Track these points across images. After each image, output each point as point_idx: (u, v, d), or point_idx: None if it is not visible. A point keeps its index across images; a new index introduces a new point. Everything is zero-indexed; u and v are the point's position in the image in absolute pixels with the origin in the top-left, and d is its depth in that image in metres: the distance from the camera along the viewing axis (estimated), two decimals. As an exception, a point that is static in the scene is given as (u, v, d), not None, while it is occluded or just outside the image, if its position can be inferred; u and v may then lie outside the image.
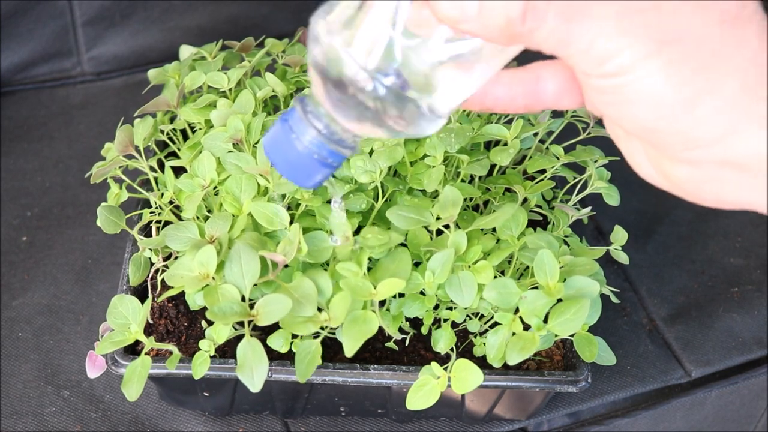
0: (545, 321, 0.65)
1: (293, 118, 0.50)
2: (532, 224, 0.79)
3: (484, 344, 0.70)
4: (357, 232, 0.72)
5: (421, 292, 0.70)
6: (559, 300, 0.66)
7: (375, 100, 0.45)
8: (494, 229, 0.73)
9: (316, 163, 0.50)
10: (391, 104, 0.45)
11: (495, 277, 0.70)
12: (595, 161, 0.79)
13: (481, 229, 0.75)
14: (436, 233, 0.70)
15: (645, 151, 0.44)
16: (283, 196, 0.70)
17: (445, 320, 0.73)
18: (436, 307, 0.73)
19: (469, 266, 0.68)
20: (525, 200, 0.77)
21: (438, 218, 0.69)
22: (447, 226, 0.68)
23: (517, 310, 0.67)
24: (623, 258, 0.77)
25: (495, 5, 0.39)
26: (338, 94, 0.46)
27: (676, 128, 0.39)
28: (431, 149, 0.73)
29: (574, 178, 0.80)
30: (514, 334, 0.66)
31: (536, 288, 0.67)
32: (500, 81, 0.46)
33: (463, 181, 0.77)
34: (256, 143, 0.73)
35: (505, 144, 0.76)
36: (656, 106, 0.39)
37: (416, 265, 0.70)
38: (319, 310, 0.65)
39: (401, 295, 0.71)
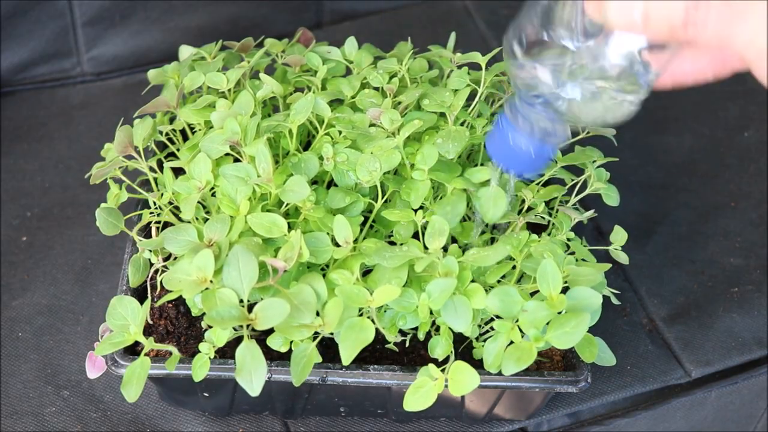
0: (547, 323, 0.65)
1: (506, 123, 0.61)
2: (533, 226, 0.79)
3: (483, 346, 0.70)
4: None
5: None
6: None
7: (571, 98, 0.54)
8: (492, 240, 0.73)
9: (534, 158, 0.61)
10: (585, 99, 0.54)
11: (498, 281, 0.70)
12: (594, 162, 0.79)
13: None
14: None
15: None
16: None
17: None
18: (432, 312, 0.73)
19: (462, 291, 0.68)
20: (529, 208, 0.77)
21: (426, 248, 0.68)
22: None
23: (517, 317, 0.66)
24: (623, 258, 0.77)
25: (658, 15, 0.46)
26: (541, 100, 0.56)
27: None
28: (422, 162, 0.72)
29: (572, 179, 0.80)
30: (512, 342, 0.66)
31: (537, 292, 0.66)
32: (685, 56, 0.51)
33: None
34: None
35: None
36: None
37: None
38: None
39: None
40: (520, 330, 0.66)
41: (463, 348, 0.76)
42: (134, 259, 0.74)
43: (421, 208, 0.72)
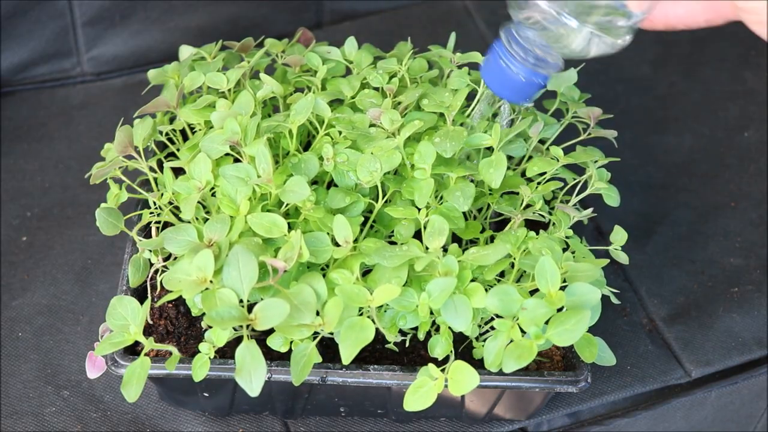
0: (546, 322, 0.65)
1: (501, 49, 0.63)
2: (532, 224, 0.79)
3: (483, 346, 0.70)
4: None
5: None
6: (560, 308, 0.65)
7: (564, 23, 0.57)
8: (492, 238, 0.73)
9: (526, 85, 0.63)
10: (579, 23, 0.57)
11: (497, 279, 0.70)
12: (595, 162, 0.79)
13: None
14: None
15: None
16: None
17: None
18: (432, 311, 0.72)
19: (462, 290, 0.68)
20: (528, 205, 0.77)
21: (427, 249, 0.68)
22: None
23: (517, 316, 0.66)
24: (623, 258, 0.77)
25: None
26: (537, 25, 0.59)
27: None
28: (421, 161, 0.72)
29: (574, 179, 0.80)
30: (512, 341, 0.66)
31: (536, 291, 0.66)
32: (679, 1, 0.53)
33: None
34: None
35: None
36: None
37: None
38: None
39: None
40: (521, 328, 0.66)
41: (463, 348, 0.76)
42: (134, 259, 0.74)
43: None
